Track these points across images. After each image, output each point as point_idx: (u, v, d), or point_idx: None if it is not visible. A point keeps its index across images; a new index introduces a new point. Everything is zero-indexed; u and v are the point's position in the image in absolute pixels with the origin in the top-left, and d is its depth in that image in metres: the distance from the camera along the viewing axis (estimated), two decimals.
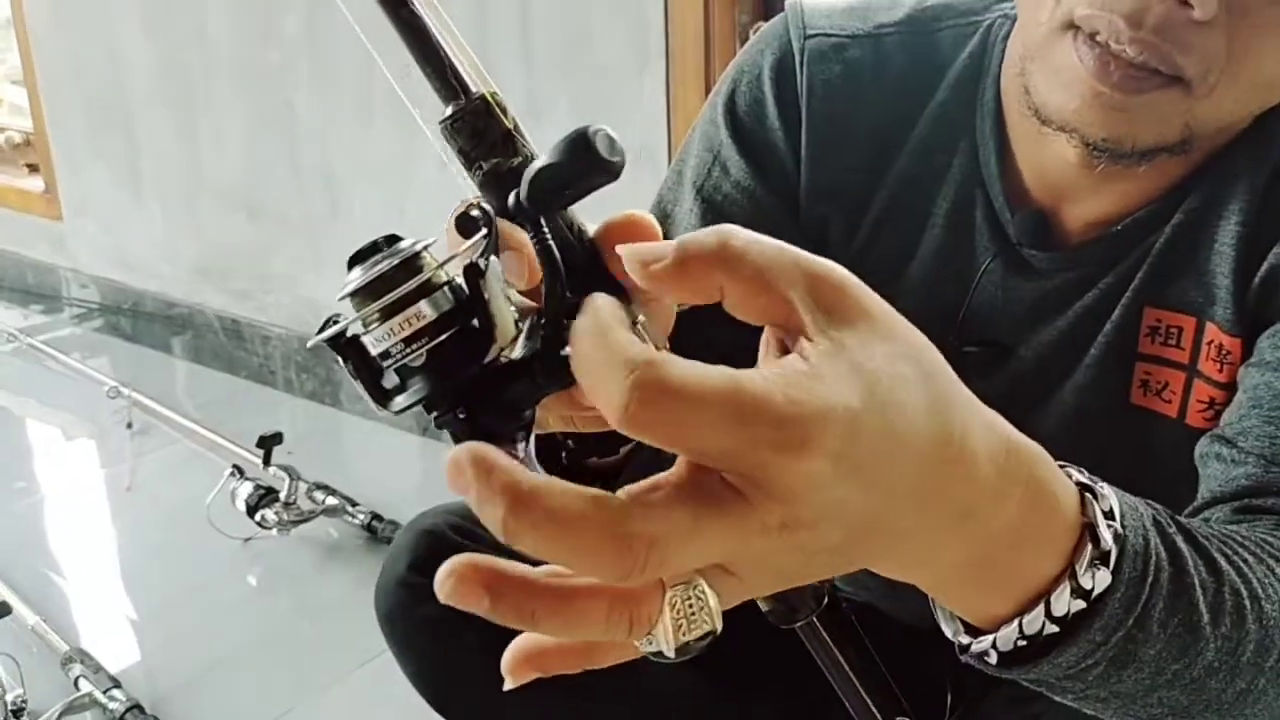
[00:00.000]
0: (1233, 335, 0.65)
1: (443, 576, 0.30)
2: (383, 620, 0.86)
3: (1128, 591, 0.39)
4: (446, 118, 0.39)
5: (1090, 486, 0.39)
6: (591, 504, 0.28)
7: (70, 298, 3.01)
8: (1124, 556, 0.39)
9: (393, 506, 1.92)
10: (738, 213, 0.74)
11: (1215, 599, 0.43)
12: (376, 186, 2.17)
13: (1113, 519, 0.39)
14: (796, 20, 0.75)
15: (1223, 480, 0.59)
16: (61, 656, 1.53)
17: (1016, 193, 0.71)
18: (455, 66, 0.39)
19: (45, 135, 2.86)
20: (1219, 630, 0.43)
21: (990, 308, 0.72)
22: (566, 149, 0.35)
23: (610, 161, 0.35)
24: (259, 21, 2.25)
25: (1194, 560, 0.43)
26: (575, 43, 1.78)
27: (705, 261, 0.32)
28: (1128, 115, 0.59)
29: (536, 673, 0.33)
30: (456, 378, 0.36)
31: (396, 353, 0.36)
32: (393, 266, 0.36)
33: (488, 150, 0.39)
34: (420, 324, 0.36)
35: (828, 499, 0.29)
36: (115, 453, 2.22)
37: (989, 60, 0.72)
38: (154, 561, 1.88)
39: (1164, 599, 0.40)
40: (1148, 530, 0.41)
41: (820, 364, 0.30)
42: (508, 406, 0.37)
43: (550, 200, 0.36)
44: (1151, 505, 0.43)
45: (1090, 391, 0.71)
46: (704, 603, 0.30)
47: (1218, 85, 0.57)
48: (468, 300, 0.37)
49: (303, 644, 1.66)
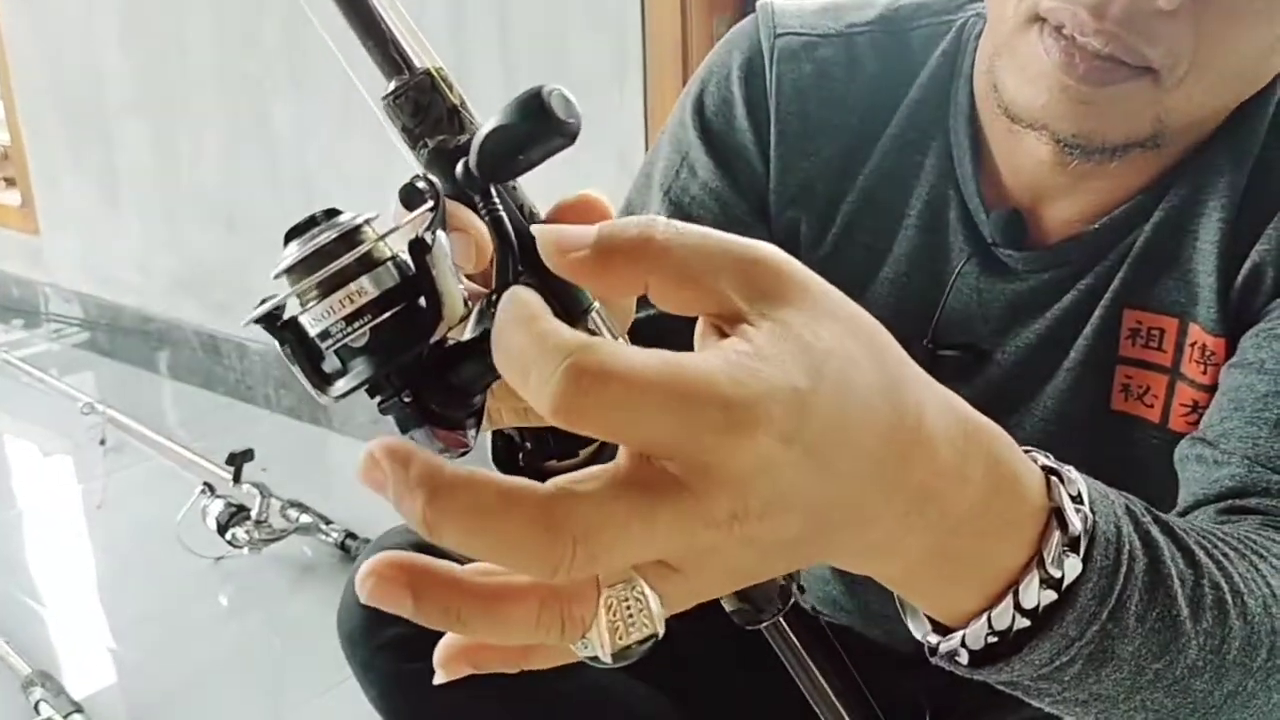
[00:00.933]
0: (1216, 335, 0.64)
1: (363, 575, 0.28)
2: (344, 641, 0.84)
3: (1100, 581, 0.36)
4: (388, 93, 0.37)
5: (1055, 470, 0.37)
6: (516, 493, 0.26)
7: (47, 312, 2.98)
8: (1095, 544, 0.36)
9: (370, 525, 1.88)
10: (705, 215, 0.73)
11: (1194, 592, 0.40)
12: (357, 197, 2.13)
13: (1081, 503, 0.36)
14: (767, 19, 0.73)
15: (1205, 482, 0.57)
16: (22, 679, 1.50)
17: (991, 192, 0.70)
18: (397, 40, 0.37)
19: (22, 148, 2.83)
20: (1200, 626, 0.40)
21: (966, 310, 0.71)
22: (519, 110, 0.32)
23: (566, 122, 0.32)
24: (237, 32, 2.24)
25: (1170, 551, 0.40)
26: (553, 53, 1.77)
27: (627, 255, 0.29)
28: (1096, 109, 0.58)
29: (470, 668, 0.31)
30: (401, 358, 0.34)
31: (337, 332, 0.34)
32: (331, 240, 0.34)
33: (432, 127, 0.37)
34: (362, 301, 0.34)
35: (779, 485, 0.27)
36: (88, 469, 2.19)
37: (962, 59, 0.71)
38: (123, 580, 1.85)
39: (1140, 590, 0.38)
40: (1119, 519, 0.38)
41: (764, 344, 0.28)
42: (456, 391, 0.35)
43: (502, 166, 0.33)
44: (1125, 495, 0.41)
45: (1070, 397, 0.69)
46: (643, 604, 0.28)
47: (1187, 76, 0.56)
48: (413, 276, 0.34)
49: (274, 665, 1.63)
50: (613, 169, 1.69)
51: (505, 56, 1.83)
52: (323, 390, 0.35)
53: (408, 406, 0.35)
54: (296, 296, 0.34)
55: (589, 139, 0.34)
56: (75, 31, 2.56)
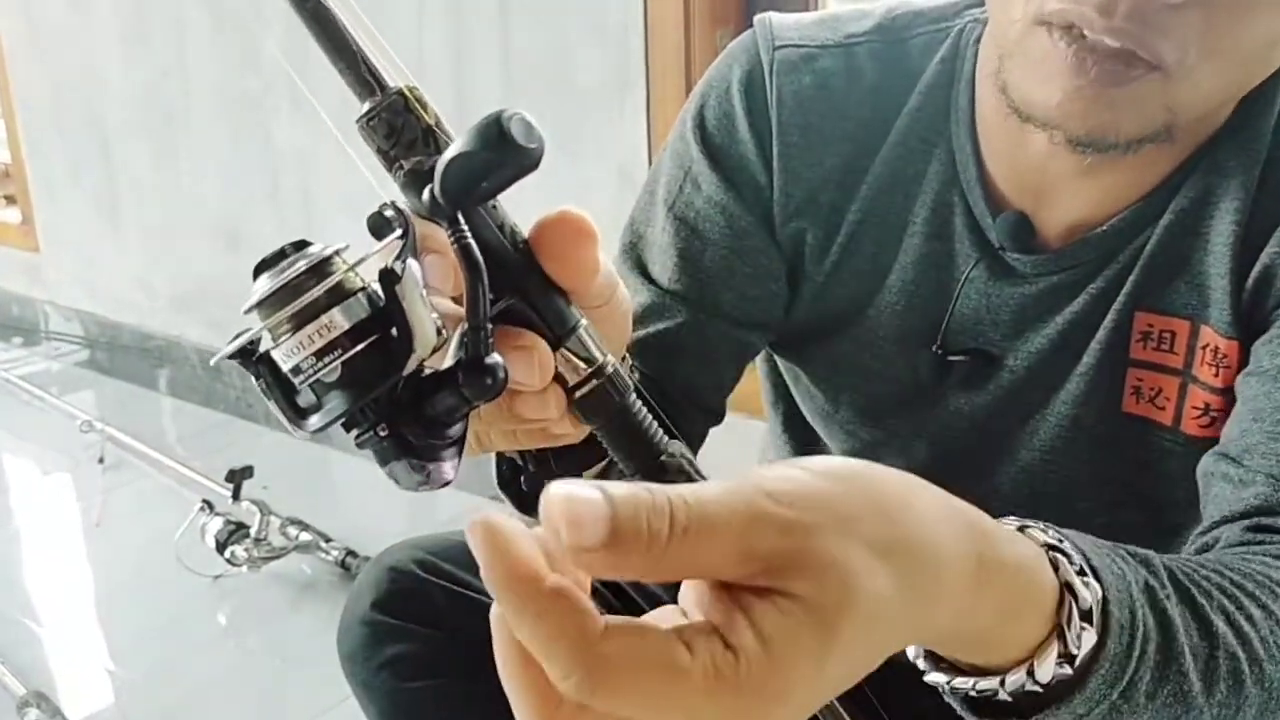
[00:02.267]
0: (1229, 338, 0.63)
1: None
2: (344, 660, 0.83)
3: (1112, 668, 0.38)
4: (362, 115, 0.37)
5: (1056, 545, 0.38)
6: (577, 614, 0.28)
7: (47, 331, 2.98)
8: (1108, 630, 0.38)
9: (371, 543, 1.87)
10: (710, 229, 0.72)
11: (1208, 665, 0.42)
12: (356, 214, 2.13)
13: (1085, 575, 0.38)
14: (765, 32, 0.73)
15: (1232, 501, 0.57)
16: (18, 700, 1.48)
17: (995, 197, 0.69)
18: (369, 60, 0.37)
19: (22, 165, 2.83)
20: (1214, 698, 0.42)
21: (975, 316, 0.71)
22: (477, 136, 0.32)
23: (527, 149, 0.32)
24: (237, 49, 2.24)
25: (1185, 627, 0.42)
26: (554, 64, 1.76)
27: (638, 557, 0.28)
28: (1109, 108, 0.58)
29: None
30: (374, 392, 0.34)
31: (308, 368, 0.34)
32: (300, 273, 0.34)
33: (407, 149, 0.36)
34: (332, 335, 0.33)
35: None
36: (86, 487, 2.18)
37: (961, 65, 0.71)
38: (121, 599, 1.83)
39: (1151, 670, 0.40)
40: (1134, 601, 0.40)
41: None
42: (433, 422, 0.34)
43: (465, 194, 0.33)
44: (1148, 565, 0.42)
45: (1082, 400, 0.69)
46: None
47: (1196, 66, 0.56)
48: (384, 307, 0.34)
49: (274, 684, 1.61)
50: (614, 182, 1.68)
51: (506, 69, 1.82)
52: (298, 425, 0.35)
53: (384, 440, 0.35)
54: (268, 331, 0.34)
55: (591, 152, 0.34)
56: (75, 49, 2.56)
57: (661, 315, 0.72)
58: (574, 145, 1.71)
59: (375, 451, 0.35)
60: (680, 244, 0.73)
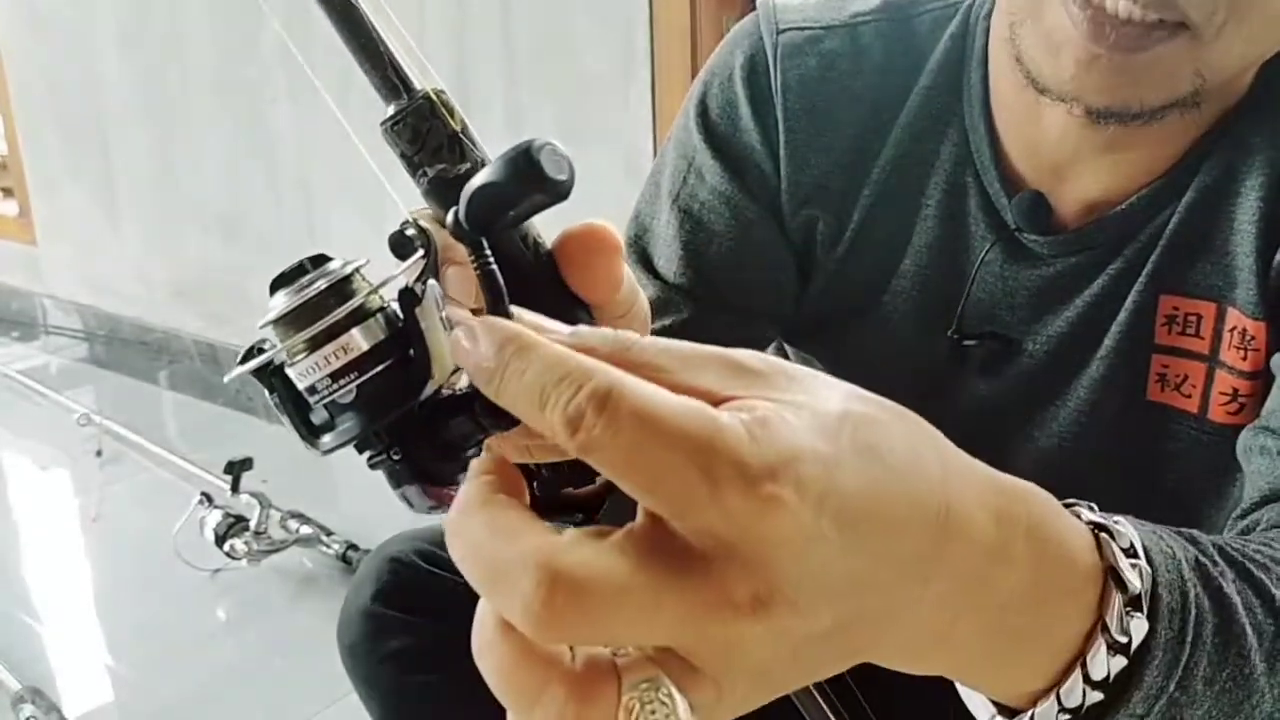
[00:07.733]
0: (1256, 319, 0.61)
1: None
2: (345, 653, 0.82)
3: (1166, 655, 0.35)
4: (387, 119, 0.35)
5: (1104, 525, 0.35)
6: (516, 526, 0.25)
7: (45, 324, 2.97)
8: (1158, 614, 0.34)
9: (373, 536, 1.84)
10: (716, 220, 0.71)
11: (1274, 644, 0.39)
12: (356, 205, 2.13)
13: (1136, 556, 0.35)
14: (768, 16, 0.72)
15: (1271, 476, 0.55)
16: (13, 696, 1.47)
17: (1010, 177, 0.67)
18: (396, 61, 0.35)
19: (20, 157, 2.82)
20: (1276, 678, 0.39)
21: (991, 299, 0.69)
22: (507, 167, 0.31)
23: (557, 181, 0.31)
24: (236, 40, 2.22)
25: (1246, 603, 0.39)
26: (558, 50, 1.75)
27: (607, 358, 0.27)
28: (1130, 77, 0.55)
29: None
30: (389, 416, 0.33)
31: (323, 389, 0.33)
32: (320, 291, 0.33)
33: (432, 155, 0.35)
34: (350, 356, 0.33)
35: (808, 564, 0.25)
36: (84, 482, 2.17)
37: (972, 41, 0.69)
38: (118, 594, 1.82)
39: (1209, 654, 0.37)
40: (1185, 581, 0.36)
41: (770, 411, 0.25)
42: (447, 447, 0.34)
43: (490, 222, 0.32)
44: (1196, 542, 0.39)
45: (1103, 386, 0.67)
46: (669, 708, 0.25)
47: (1226, 25, 0.53)
48: (402, 329, 0.33)
49: (274, 680, 1.59)
50: (620, 169, 1.66)
51: (509, 55, 1.80)
52: (311, 443, 0.35)
53: (397, 464, 0.34)
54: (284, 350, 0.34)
55: (596, 138, 0.32)
56: (73, 40, 2.55)
57: (667, 310, 0.71)
58: (578, 134, 1.69)
59: (388, 474, 0.35)
60: (685, 237, 0.71)
